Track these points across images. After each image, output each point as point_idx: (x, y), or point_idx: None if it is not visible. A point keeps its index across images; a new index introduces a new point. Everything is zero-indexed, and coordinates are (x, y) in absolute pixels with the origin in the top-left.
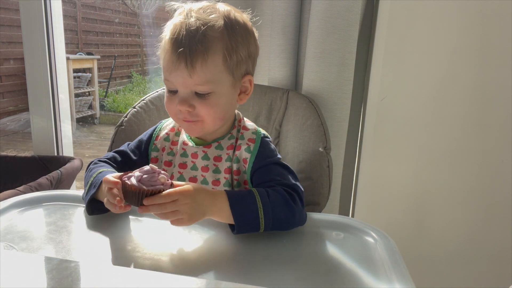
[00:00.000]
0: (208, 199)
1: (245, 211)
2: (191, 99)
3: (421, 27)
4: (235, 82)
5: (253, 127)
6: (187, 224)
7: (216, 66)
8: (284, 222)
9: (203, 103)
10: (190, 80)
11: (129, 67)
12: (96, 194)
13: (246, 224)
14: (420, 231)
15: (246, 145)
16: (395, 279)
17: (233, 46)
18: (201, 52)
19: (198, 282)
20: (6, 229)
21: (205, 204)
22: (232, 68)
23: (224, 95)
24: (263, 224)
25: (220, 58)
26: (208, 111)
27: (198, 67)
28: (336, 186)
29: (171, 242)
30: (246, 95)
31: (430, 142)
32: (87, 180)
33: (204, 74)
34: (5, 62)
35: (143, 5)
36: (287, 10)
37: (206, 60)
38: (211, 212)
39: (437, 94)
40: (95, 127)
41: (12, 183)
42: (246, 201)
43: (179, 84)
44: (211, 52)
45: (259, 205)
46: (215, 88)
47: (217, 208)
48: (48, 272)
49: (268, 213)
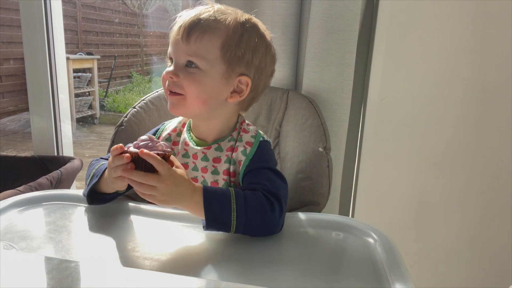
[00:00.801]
0: (188, 192)
1: (217, 210)
2: (179, 70)
3: (421, 27)
4: (229, 75)
5: (253, 130)
6: (157, 203)
7: (212, 47)
8: (256, 227)
9: (188, 76)
10: (183, 48)
11: (129, 67)
12: (98, 184)
13: (217, 223)
14: (419, 231)
15: (243, 147)
16: (395, 279)
17: (236, 39)
18: (200, 27)
19: (198, 282)
20: (6, 229)
21: (183, 194)
22: (228, 59)
23: (211, 78)
24: (234, 225)
25: (219, 42)
26: (190, 85)
27: (192, 39)
28: (336, 186)
29: (171, 242)
30: (240, 97)
31: (430, 142)
32: (89, 173)
33: (196, 47)
34: (5, 62)
35: (143, 5)
36: (287, 10)
37: (202, 36)
38: (186, 205)
39: (437, 94)
40: (95, 127)
41: (12, 183)
42: (220, 200)
43: (174, 52)
44: (210, 32)
45: (233, 206)
46: (204, 65)
47: (193, 202)
48: (48, 272)
49: (240, 216)
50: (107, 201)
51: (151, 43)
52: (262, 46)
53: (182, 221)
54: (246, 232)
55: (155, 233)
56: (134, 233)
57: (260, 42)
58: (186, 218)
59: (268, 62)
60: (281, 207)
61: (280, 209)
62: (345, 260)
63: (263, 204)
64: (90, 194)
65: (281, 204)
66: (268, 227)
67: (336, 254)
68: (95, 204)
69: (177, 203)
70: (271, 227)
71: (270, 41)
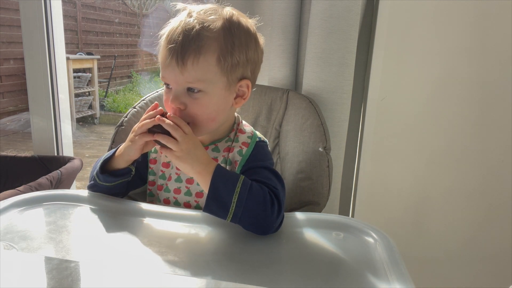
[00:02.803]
0: (204, 158)
1: (221, 188)
2: (182, 97)
3: (421, 27)
4: (230, 85)
5: (250, 131)
6: (172, 158)
7: (209, 66)
8: (253, 218)
9: (194, 102)
10: (182, 77)
11: (129, 67)
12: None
13: (217, 201)
14: (420, 231)
15: (239, 148)
16: (395, 279)
17: (229, 48)
18: (193, 50)
19: (198, 282)
20: (6, 229)
21: (198, 158)
22: (227, 70)
23: (216, 96)
24: (232, 209)
25: (214, 58)
26: (198, 110)
27: (189, 64)
28: (336, 186)
29: (171, 242)
30: (243, 99)
31: (430, 142)
32: (95, 166)
33: (195, 72)
34: (5, 62)
35: (143, 5)
36: (287, 10)
37: (198, 59)
38: (199, 170)
39: (437, 94)
40: (95, 127)
41: (12, 183)
42: (227, 179)
43: (172, 80)
44: (204, 51)
45: (237, 190)
46: (207, 87)
47: (205, 171)
48: (48, 272)
49: (241, 201)
50: (118, 177)
51: (150, 42)
52: (251, 42)
53: (182, 221)
54: (242, 222)
55: (155, 233)
56: (134, 233)
57: (248, 38)
58: (186, 218)
59: (259, 53)
60: (279, 207)
61: (279, 209)
62: (345, 260)
63: (266, 198)
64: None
65: (280, 204)
66: (264, 223)
67: (336, 254)
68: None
69: (191, 164)
70: (267, 223)
71: (254, 30)
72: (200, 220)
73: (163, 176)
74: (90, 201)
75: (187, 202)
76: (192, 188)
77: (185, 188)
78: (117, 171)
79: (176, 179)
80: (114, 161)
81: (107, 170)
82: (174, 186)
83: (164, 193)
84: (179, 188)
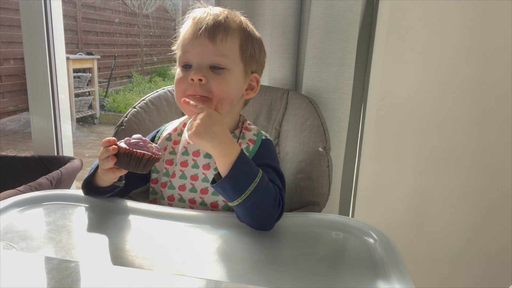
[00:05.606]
0: (224, 135)
1: (244, 172)
2: (205, 71)
3: (421, 27)
4: (246, 73)
5: (255, 129)
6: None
7: (234, 47)
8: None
9: (217, 78)
10: (210, 49)
11: (129, 67)
12: (94, 177)
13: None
14: (420, 231)
15: (246, 144)
16: (395, 279)
17: (248, 40)
18: (223, 28)
19: (198, 282)
20: (6, 229)
21: (217, 135)
22: (245, 58)
23: (235, 77)
24: (247, 194)
25: (238, 43)
26: (219, 86)
27: (218, 40)
28: (336, 186)
29: (171, 242)
30: (253, 93)
31: (430, 142)
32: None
33: (223, 48)
34: (5, 62)
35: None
36: (287, 10)
37: (226, 37)
38: (219, 148)
39: (437, 94)
40: (95, 127)
41: (12, 183)
42: (250, 167)
43: (197, 54)
44: (231, 33)
45: (257, 180)
46: (230, 65)
47: (225, 150)
48: (48, 272)
49: (258, 189)
50: (103, 194)
51: (151, 43)
52: (261, 45)
53: (182, 221)
54: (249, 210)
55: (155, 233)
56: (134, 233)
57: (259, 41)
58: (186, 218)
59: (264, 57)
60: (282, 209)
61: (281, 211)
62: (345, 260)
63: (276, 198)
64: (87, 187)
65: (283, 206)
66: (266, 220)
67: (336, 254)
68: (91, 195)
69: (209, 140)
70: (268, 221)
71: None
72: (201, 220)
73: (166, 173)
74: (90, 201)
75: (192, 199)
76: (197, 184)
77: (190, 185)
78: (103, 189)
79: (181, 176)
80: (98, 177)
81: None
82: (179, 183)
83: (169, 190)
84: (184, 185)
